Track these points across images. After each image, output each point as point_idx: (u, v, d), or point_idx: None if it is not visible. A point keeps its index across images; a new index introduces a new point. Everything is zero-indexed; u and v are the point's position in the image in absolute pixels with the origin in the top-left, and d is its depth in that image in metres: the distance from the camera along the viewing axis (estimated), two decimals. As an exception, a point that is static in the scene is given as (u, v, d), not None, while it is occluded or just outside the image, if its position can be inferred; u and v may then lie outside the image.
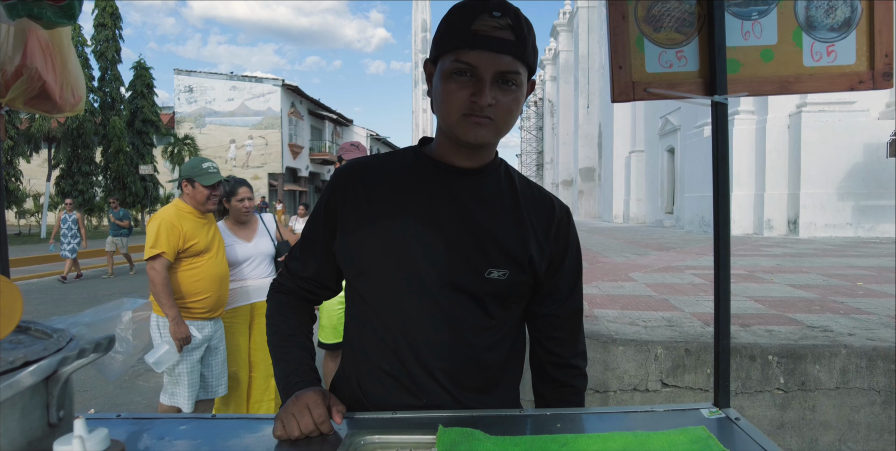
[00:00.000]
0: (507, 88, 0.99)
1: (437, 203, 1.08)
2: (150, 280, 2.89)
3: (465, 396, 1.10)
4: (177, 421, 1.09)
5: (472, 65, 0.97)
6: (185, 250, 2.96)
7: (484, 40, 0.96)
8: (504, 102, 0.99)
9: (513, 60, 0.97)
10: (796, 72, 1.14)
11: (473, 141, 1.02)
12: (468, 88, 0.98)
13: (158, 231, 2.90)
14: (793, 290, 5.15)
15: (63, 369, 0.64)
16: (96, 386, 4.65)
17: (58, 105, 1.42)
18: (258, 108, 35.02)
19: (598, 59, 30.87)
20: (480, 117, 0.99)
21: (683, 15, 1.15)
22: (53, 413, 0.65)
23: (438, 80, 1.02)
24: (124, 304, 0.89)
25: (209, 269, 3.04)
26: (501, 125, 1.02)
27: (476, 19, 0.96)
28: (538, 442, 0.94)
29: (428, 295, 1.05)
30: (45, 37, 1.32)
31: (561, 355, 1.19)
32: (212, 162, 3.13)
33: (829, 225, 12.58)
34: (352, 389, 1.15)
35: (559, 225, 1.14)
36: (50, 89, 1.36)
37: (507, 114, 1.01)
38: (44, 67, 1.32)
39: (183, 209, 3.05)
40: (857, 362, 3.03)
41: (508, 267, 1.06)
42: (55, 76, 1.37)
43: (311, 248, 1.18)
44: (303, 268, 1.19)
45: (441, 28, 1.02)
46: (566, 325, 1.18)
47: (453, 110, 1.00)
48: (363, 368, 1.13)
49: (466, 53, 0.96)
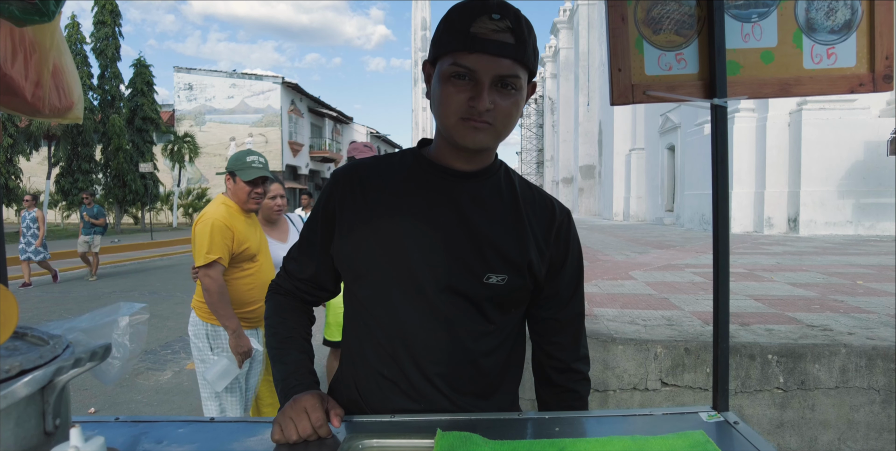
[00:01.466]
0: (506, 92, 0.98)
1: (436, 207, 1.07)
2: (204, 289, 2.60)
3: (463, 400, 1.09)
4: (175, 424, 1.09)
5: (470, 68, 0.95)
6: (238, 253, 2.66)
7: (483, 43, 0.94)
8: (503, 105, 0.98)
9: (512, 64, 0.96)
10: (796, 74, 1.14)
11: (472, 146, 1.01)
12: (466, 92, 0.97)
13: (212, 234, 2.58)
14: (793, 288, 5.15)
15: (59, 379, 0.63)
16: (96, 385, 4.65)
17: (30, 104, 1.35)
18: (258, 105, 35.01)
19: (599, 57, 30.82)
20: (479, 122, 0.98)
21: (683, 17, 1.15)
22: (49, 421, 0.65)
23: (437, 82, 1.01)
24: (121, 309, 0.88)
25: (262, 275, 2.76)
26: (501, 129, 1.01)
27: (475, 21, 0.94)
28: (536, 446, 0.94)
29: (426, 299, 1.05)
30: (23, 32, 1.28)
31: (562, 359, 1.18)
32: (259, 155, 2.78)
33: (830, 223, 12.58)
34: (350, 392, 1.15)
35: (560, 228, 1.13)
36: (15, 85, 1.30)
37: (506, 118, 1.00)
38: (8, 62, 1.26)
39: (232, 207, 2.73)
40: (857, 361, 3.03)
41: (507, 272, 1.05)
42: (25, 72, 1.31)
43: (309, 250, 1.17)
44: (301, 269, 1.19)
45: (440, 29, 1.00)
46: (567, 329, 1.17)
47: (451, 114, 0.99)
48: (361, 372, 1.12)
49: (465, 57, 0.95)
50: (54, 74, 1.40)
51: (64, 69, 1.44)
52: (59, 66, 1.42)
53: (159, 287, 9.96)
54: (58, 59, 1.41)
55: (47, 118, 1.47)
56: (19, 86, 1.30)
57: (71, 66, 1.48)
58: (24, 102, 1.32)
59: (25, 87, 1.32)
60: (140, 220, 29.02)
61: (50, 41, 1.34)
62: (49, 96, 1.38)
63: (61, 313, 6.70)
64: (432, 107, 1.04)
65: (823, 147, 12.45)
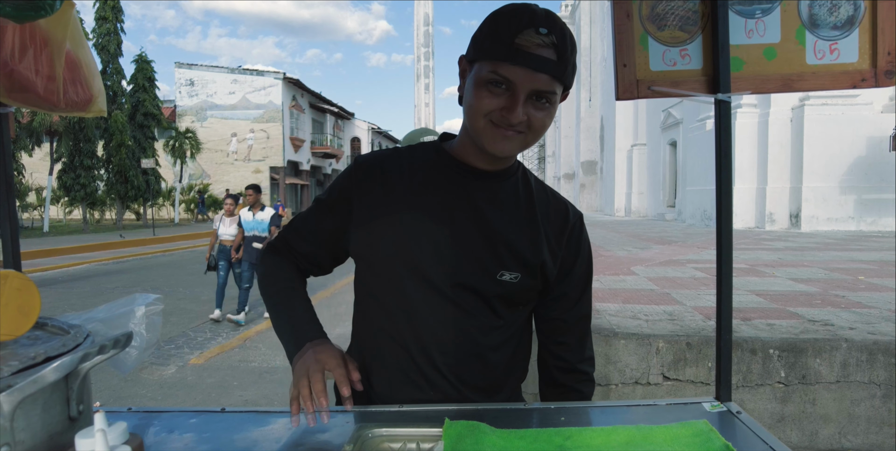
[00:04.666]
0: (540, 105, 0.98)
1: (454, 203, 1.08)
2: None
3: (470, 393, 1.11)
4: (186, 414, 1.11)
5: (509, 79, 0.95)
6: None
7: (526, 57, 0.93)
8: (536, 117, 0.98)
9: (551, 80, 0.95)
10: (799, 70, 1.15)
11: (499, 154, 1.02)
12: (501, 100, 0.97)
13: None
14: (794, 284, 5.16)
15: (83, 365, 0.65)
16: (101, 379, 4.68)
17: (43, 98, 1.35)
18: (259, 101, 35.00)
19: (601, 52, 30.75)
20: (510, 130, 0.98)
21: (687, 13, 1.16)
22: (74, 407, 0.67)
23: (472, 83, 1.00)
24: (137, 299, 0.90)
25: None
26: (530, 140, 1.01)
27: (521, 33, 0.93)
28: (543, 435, 0.96)
29: (438, 293, 1.06)
30: (34, 26, 1.27)
31: (568, 359, 1.19)
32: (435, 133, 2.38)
33: (832, 219, 12.58)
34: None
35: (572, 231, 1.14)
36: (25, 80, 1.30)
37: (538, 129, 1.00)
38: (15, 58, 1.25)
39: None
40: (858, 355, 3.05)
41: (520, 271, 1.07)
42: (35, 66, 1.30)
43: (312, 228, 1.18)
44: (300, 243, 1.19)
45: (484, 30, 0.99)
46: (574, 330, 1.19)
47: (480, 116, 0.99)
48: (371, 362, 1.14)
49: (505, 67, 0.94)
50: (71, 68, 1.38)
51: (81, 62, 1.42)
52: (76, 59, 1.41)
53: (161, 283, 9.99)
54: (75, 52, 1.39)
55: (67, 112, 1.46)
56: (29, 80, 1.30)
57: (89, 59, 1.46)
58: (37, 96, 1.31)
59: (37, 81, 1.31)
60: (142, 216, 29.05)
61: (62, 34, 1.32)
62: (63, 90, 1.36)
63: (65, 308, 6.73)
64: (462, 103, 1.04)
65: (825, 143, 12.44)
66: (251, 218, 7.01)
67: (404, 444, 0.96)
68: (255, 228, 6.95)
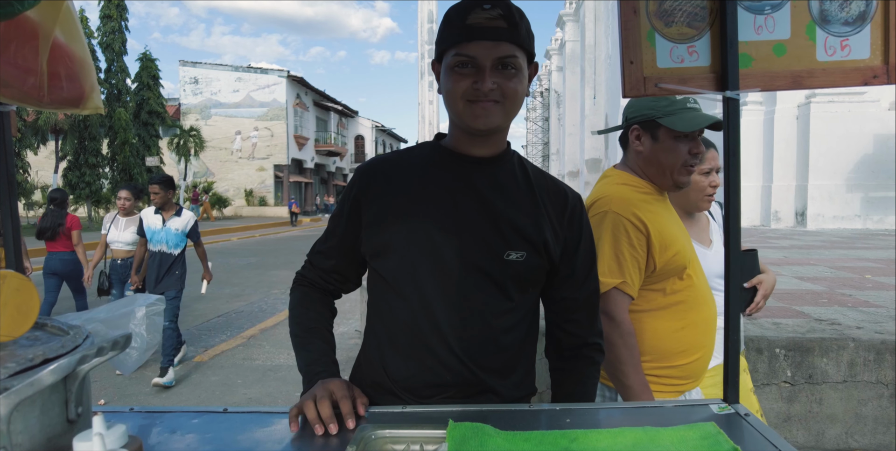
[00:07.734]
0: (507, 72, 1.06)
1: (457, 191, 1.14)
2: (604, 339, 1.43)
3: (486, 376, 1.14)
4: (189, 415, 1.10)
5: (471, 56, 1.04)
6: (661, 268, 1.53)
7: (480, 31, 1.03)
8: (507, 85, 1.06)
9: (509, 46, 1.04)
10: (809, 66, 1.13)
11: (483, 126, 1.08)
12: (470, 77, 1.05)
13: (615, 239, 1.49)
14: (800, 282, 5.13)
15: (82, 367, 0.65)
16: (105, 377, 4.70)
17: (26, 93, 1.28)
18: (263, 99, 35.03)
19: (605, 50, 30.64)
20: (486, 102, 1.06)
21: (695, 9, 1.14)
22: (72, 410, 0.66)
23: (444, 74, 1.10)
24: (137, 300, 0.90)
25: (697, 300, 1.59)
26: (509, 107, 1.09)
27: (470, 14, 1.04)
28: (548, 437, 0.95)
29: (451, 278, 1.11)
30: (20, 19, 1.21)
31: (581, 335, 1.24)
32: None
33: (838, 217, 12.52)
34: (375, 374, 1.19)
35: (573, 212, 1.20)
36: (8, 74, 1.25)
37: (512, 95, 1.07)
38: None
39: (639, 187, 1.60)
40: (865, 355, 3.03)
41: (526, 249, 1.12)
42: (21, 61, 1.24)
43: (333, 242, 1.24)
44: (325, 260, 1.26)
45: (441, 28, 1.10)
46: (584, 307, 1.23)
47: (458, 98, 1.07)
48: (387, 351, 1.17)
49: (465, 46, 1.04)
50: (63, 62, 1.34)
51: (74, 57, 1.38)
52: (70, 53, 1.36)
53: (167, 280, 10.00)
54: (69, 46, 1.35)
55: (56, 108, 1.42)
56: (10, 74, 1.23)
57: (84, 54, 1.42)
58: (19, 91, 1.26)
59: (19, 76, 1.24)
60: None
61: (51, 25, 1.27)
62: (47, 85, 1.31)
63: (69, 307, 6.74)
64: (444, 99, 1.12)
65: (832, 140, 12.37)
66: (160, 225, 4.77)
67: (408, 446, 0.95)
68: (165, 240, 4.76)
